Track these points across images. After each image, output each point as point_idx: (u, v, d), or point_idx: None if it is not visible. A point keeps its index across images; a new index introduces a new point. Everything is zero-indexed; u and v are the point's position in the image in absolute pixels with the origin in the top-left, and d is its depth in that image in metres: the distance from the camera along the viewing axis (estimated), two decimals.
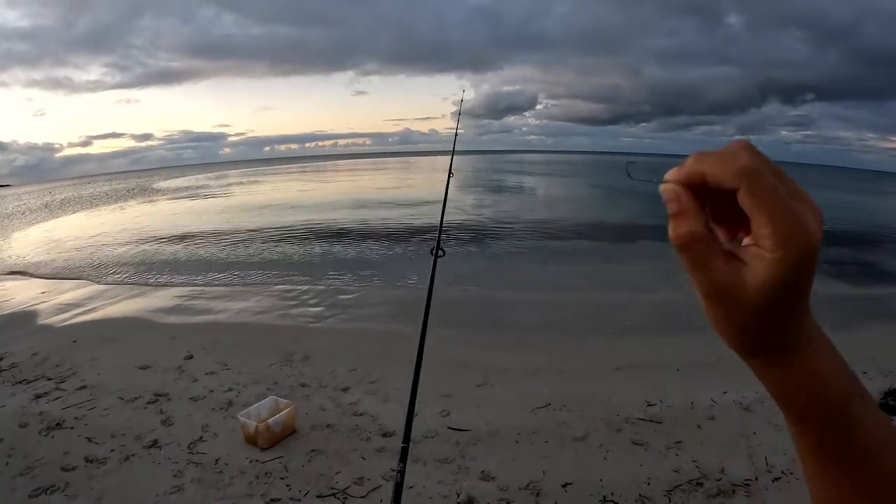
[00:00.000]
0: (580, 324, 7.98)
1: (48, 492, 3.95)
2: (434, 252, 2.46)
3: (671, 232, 0.46)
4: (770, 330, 0.45)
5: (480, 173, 65.79)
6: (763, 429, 4.52)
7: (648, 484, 3.84)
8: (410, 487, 3.81)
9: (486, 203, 28.16)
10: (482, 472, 3.98)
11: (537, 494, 3.68)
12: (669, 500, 3.65)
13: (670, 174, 0.46)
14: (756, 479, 3.83)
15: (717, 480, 3.81)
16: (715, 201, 0.45)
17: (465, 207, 25.30)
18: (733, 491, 3.70)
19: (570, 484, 3.77)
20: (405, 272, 12.24)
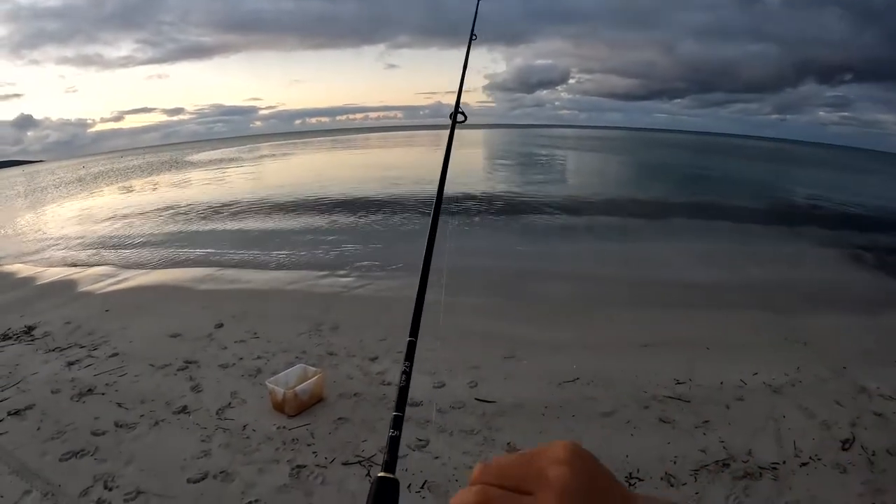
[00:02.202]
0: (609, 299, 7.87)
1: (78, 455, 4.07)
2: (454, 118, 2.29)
3: None
4: None
5: (511, 147, 65.17)
6: (792, 412, 4.43)
7: (675, 462, 3.79)
8: (436, 458, 3.83)
9: (517, 178, 28.05)
10: (507, 443, 3.98)
11: None
12: (695, 480, 3.59)
13: None
14: (783, 462, 3.74)
15: (744, 462, 3.74)
16: None
17: (495, 181, 25.18)
18: (760, 474, 3.62)
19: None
20: (438, 245, 12.22)
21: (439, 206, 1.74)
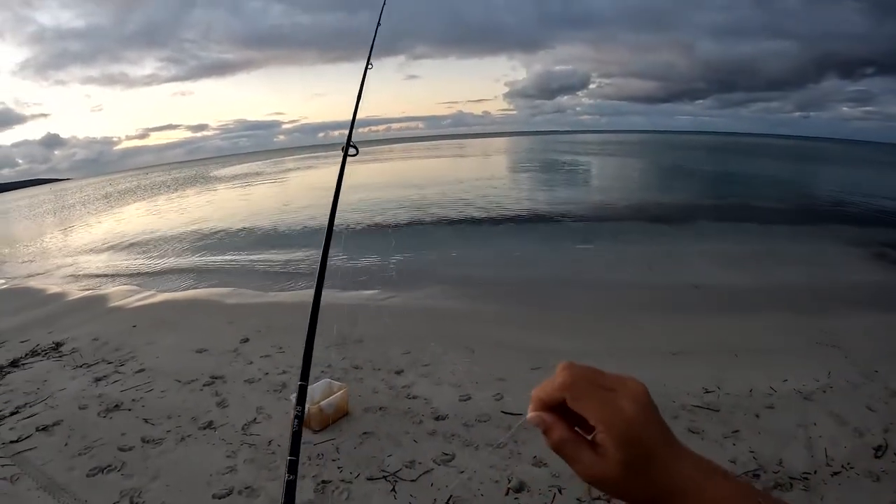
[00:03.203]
0: (635, 305, 7.81)
1: (105, 471, 4.13)
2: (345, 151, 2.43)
3: (548, 443, 0.62)
4: (642, 485, 0.57)
5: (533, 154, 65.05)
6: (823, 420, 4.33)
7: None
8: (461, 472, 3.81)
9: (540, 185, 28.06)
10: (534, 457, 3.93)
11: None
12: None
13: (530, 407, 0.64)
14: (815, 472, 3.66)
15: (775, 473, 3.66)
16: (568, 413, 0.60)
17: (519, 189, 25.18)
18: (791, 484, 3.55)
19: None
20: (461, 252, 12.28)
21: (328, 244, 1.77)
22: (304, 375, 1.45)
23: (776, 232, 14.42)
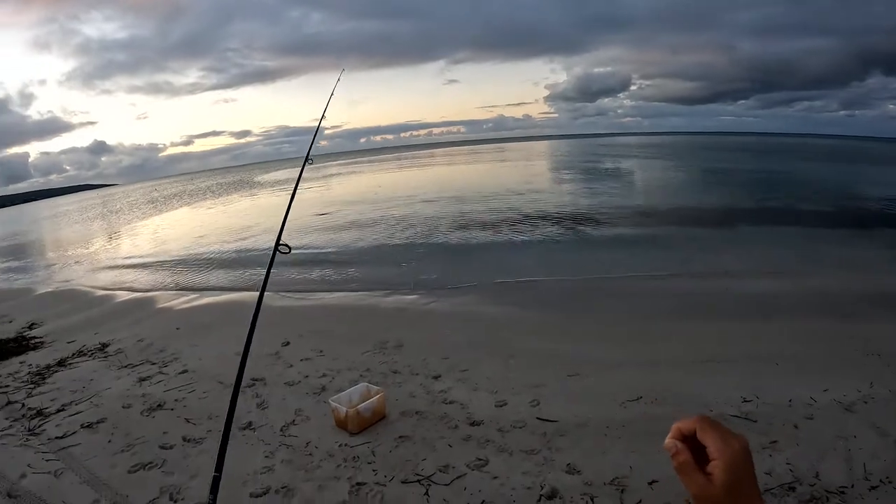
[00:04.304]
0: (672, 312, 7.66)
1: (146, 468, 4.27)
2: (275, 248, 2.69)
3: (674, 463, 0.82)
4: None
5: (572, 158, 64.51)
6: (864, 432, 4.17)
7: None
8: (494, 478, 3.82)
9: (581, 188, 27.91)
10: (568, 464, 3.92)
11: (622, 491, 3.58)
12: None
13: (669, 435, 0.84)
14: (852, 486, 3.55)
15: (811, 486, 3.56)
16: (695, 448, 0.81)
17: (561, 195, 25.05)
18: (827, 498, 3.43)
19: (656, 482, 3.64)
20: (504, 261, 12.29)
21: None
22: (219, 465, 1.47)
23: (817, 235, 14.03)
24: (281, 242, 2.98)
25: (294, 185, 3.84)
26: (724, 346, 6.18)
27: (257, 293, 2.72)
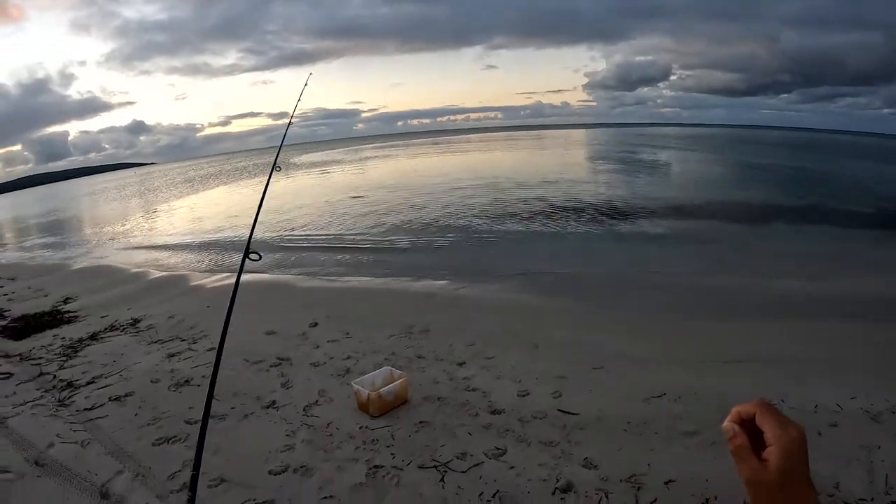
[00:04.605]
0: (700, 310, 7.51)
1: (170, 441, 4.36)
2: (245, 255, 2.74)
3: (731, 446, 0.84)
4: (786, 496, 0.79)
5: (611, 147, 63.51)
6: (889, 443, 3.99)
7: None
8: (511, 468, 3.80)
9: (617, 180, 27.58)
10: (585, 458, 3.86)
11: (638, 489, 3.52)
12: None
13: (728, 418, 0.86)
14: (871, 499, 3.43)
15: (830, 496, 3.44)
16: (752, 433, 0.83)
17: (596, 185, 24.83)
18: None
19: (673, 481, 3.57)
20: (536, 249, 12.24)
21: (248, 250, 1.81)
22: (196, 464, 1.46)
23: (854, 235, 13.62)
24: (251, 250, 3.03)
25: (262, 193, 3.96)
26: (753, 346, 6.01)
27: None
